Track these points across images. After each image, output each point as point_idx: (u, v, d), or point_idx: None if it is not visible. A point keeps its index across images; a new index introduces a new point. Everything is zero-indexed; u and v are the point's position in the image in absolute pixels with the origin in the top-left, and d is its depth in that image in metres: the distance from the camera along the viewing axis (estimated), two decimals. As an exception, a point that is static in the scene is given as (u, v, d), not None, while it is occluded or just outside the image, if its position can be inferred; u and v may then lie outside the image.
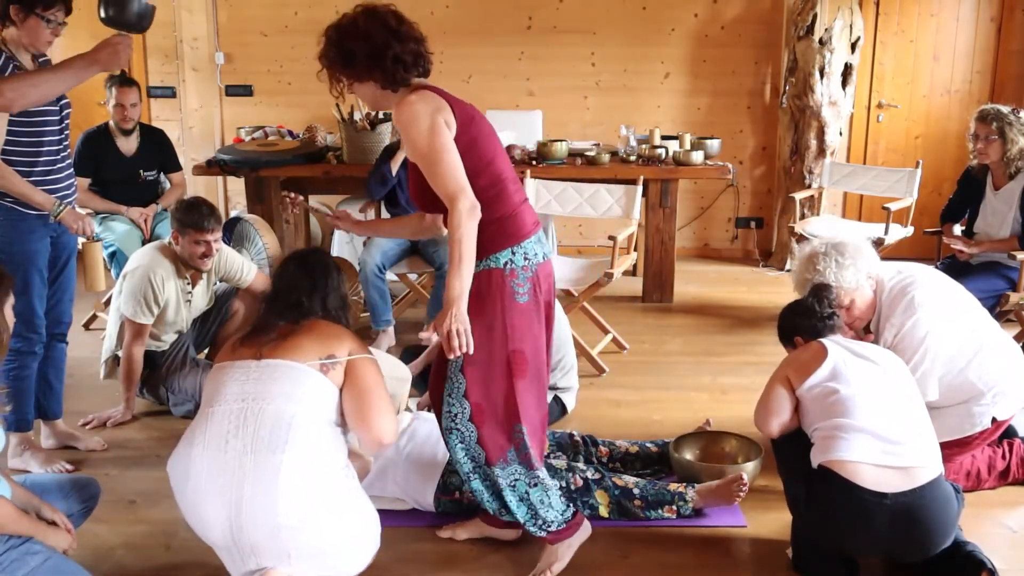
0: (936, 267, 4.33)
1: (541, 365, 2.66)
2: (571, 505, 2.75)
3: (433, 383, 2.76)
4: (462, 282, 2.41)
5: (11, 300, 2.44)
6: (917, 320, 2.97)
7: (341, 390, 2.48)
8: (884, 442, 2.52)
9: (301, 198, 3.14)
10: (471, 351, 2.44)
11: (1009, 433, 3.31)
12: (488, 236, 2.50)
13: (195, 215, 3.80)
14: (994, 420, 3.06)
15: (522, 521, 2.68)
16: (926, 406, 2.74)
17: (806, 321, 2.90)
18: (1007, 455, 3.24)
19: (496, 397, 2.59)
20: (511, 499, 2.65)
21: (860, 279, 3.02)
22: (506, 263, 2.55)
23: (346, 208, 5.89)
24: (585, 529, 2.78)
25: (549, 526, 2.68)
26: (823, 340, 2.79)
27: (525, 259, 2.57)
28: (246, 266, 4.16)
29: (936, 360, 2.98)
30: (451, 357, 2.45)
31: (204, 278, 4.05)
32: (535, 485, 2.65)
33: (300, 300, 2.55)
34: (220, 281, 4.20)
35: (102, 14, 3.06)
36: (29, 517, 2.35)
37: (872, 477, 2.48)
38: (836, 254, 3.02)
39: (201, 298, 4.09)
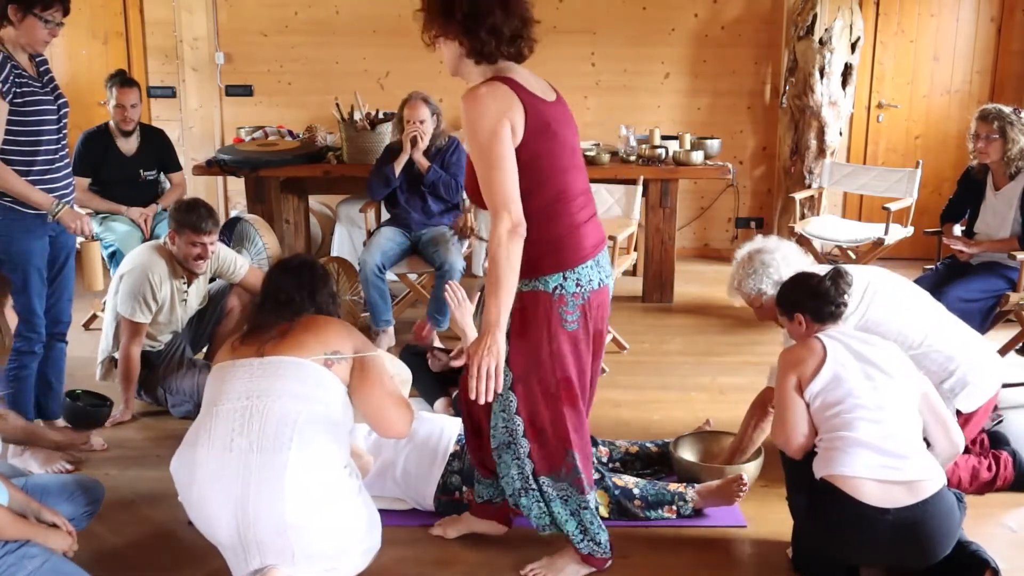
0: (936, 267, 4.37)
1: (586, 392, 2.59)
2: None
3: (467, 394, 2.46)
4: (499, 308, 2.27)
5: (10, 301, 2.44)
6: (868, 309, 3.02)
7: (348, 386, 2.48)
8: (887, 456, 2.49)
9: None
10: (488, 398, 2.30)
11: (1000, 441, 3.30)
12: (539, 255, 2.36)
13: (193, 216, 3.79)
14: (959, 413, 3.04)
15: (569, 535, 2.64)
16: None
17: (815, 303, 2.78)
18: (993, 467, 3.18)
19: (544, 422, 2.52)
20: (560, 512, 2.60)
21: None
22: (555, 288, 2.40)
23: (346, 208, 5.98)
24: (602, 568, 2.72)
25: (597, 548, 2.64)
26: (823, 338, 2.69)
27: (577, 285, 2.42)
28: (238, 260, 4.14)
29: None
30: (473, 397, 2.30)
31: (200, 276, 4.04)
32: (585, 508, 2.61)
33: (292, 298, 2.56)
34: (214, 278, 4.19)
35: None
36: (26, 521, 2.34)
37: (874, 493, 2.45)
38: (761, 262, 3.11)
39: (196, 297, 4.08)
